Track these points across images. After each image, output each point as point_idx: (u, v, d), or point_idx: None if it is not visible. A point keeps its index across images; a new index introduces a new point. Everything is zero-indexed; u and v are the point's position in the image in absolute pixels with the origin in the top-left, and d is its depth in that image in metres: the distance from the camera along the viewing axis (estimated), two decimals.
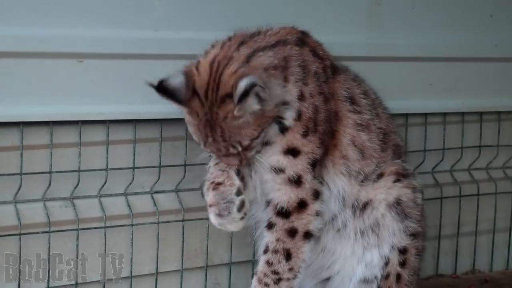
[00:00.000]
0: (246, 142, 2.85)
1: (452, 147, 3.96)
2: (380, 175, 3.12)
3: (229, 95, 2.78)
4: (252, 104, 2.77)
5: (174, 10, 3.27)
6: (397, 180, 3.13)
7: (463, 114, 3.98)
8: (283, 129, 2.92)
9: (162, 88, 2.83)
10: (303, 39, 3.03)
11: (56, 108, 3.10)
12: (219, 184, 2.95)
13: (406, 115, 3.80)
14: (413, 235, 3.14)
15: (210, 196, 2.96)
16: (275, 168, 2.95)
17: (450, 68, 3.88)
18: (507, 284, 3.96)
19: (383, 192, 3.12)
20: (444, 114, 3.94)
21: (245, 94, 2.73)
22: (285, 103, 2.88)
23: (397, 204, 3.11)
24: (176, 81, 2.84)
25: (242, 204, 2.95)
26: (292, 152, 2.94)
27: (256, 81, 2.74)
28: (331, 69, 3.08)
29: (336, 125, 3.04)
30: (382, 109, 3.23)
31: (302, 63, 2.95)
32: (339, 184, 3.07)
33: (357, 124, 3.07)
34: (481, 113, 4.03)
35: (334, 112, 3.03)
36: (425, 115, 3.89)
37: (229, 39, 2.96)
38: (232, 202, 2.94)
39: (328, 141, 3.01)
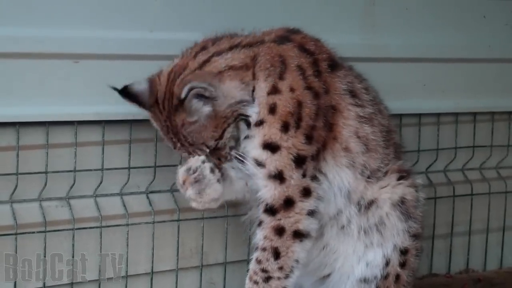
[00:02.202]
0: (210, 143, 2.95)
1: (446, 147, 3.98)
2: (384, 174, 3.14)
3: (181, 104, 2.90)
4: (197, 105, 2.88)
5: (170, 11, 3.29)
6: (401, 178, 3.14)
7: (456, 114, 4.00)
8: (254, 124, 2.95)
9: (126, 92, 2.98)
10: (287, 36, 3.06)
11: (52, 108, 3.12)
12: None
13: (400, 116, 3.81)
14: (415, 236, 3.16)
15: (180, 173, 3.00)
16: (257, 162, 2.95)
17: (444, 68, 3.90)
18: (501, 284, 3.97)
19: (388, 191, 3.12)
20: (438, 115, 3.95)
21: (185, 98, 2.85)
22: (242, 102, 2.93)
23: (401, 203, 3.12)
24: (140, 87, 2.99)
25: (212, 169, 2.98)
26: (270, 146, 2.94)
27: (195, 85, 2.85)
28: (328, 63, 3.07)
29: (333, 118, 3.03)
30: (383, 107, 3.25)
31: (276, 58, 2.97)
32: (343, 177, 3.06)
33: (359, 117, 3.07)
34: (474, 114, 4.05)
35: (329, 106, 3.02)
36: (419, 115, 3.91)
37: (192, 46, 3.05)
38: (203, 167, 2.98)
39: (325, 135, 3.01)
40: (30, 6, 3.03)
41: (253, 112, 2.94)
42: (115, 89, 2.96)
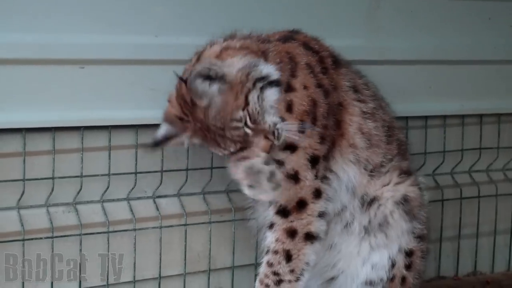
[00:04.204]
0: (238, 114, 2.80)
1: (452, 150, 3.98)
2: (386, 172, 3.14)
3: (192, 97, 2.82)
4: (202, 86, 2.77)
5: (174, 16, 3.29)
6: (403, 175, 3.14)
7: (463, 116, 4.00)
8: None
9: (158, 144, 2.96)
10: (291, 36, 3.06)
11: (58, 114, 3.12)
12: (245, 158, 2.88)
13: (406, 118, 3.81)
14: (420, 237, 3.16)
15: (240, 169, 2.89)
16: (277, 160, 2.92)
17: (449, 70, 3.90)
18: (509, 286, 3.97)
19: (390, 189, 3.12)
20: (444, 117, 3.95)
21: (190, 85, 2.77)
22: (250, 64, 2.84)
23: (404, 201, 3.12)
24: (162, 130, 2.94)
25: (272, 174, 2.87)
26: (290, 146, 2.91)
27: (195, 70, 2.77)
28: (331, 59, 3.08)
29: (341, 115, 3.03)
30: (384, 104, 3.26)
31: (284, 54, 2.95)
32: (349, 172, 3.06)
33: (363, 112, 3.08)
34: (481, 116, 4.05)
35: (337, 104, 3.03)
36: (425, 117, 3.91)
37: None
38: (261, 172, 2.86)
39: (334, 133, 3.01)
40: (34, 12, 3.04)
41: (269, 71, 2.86)
42: (152, 147, 2.98)
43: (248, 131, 2.82)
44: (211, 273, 3.48)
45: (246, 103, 2.82)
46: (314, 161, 2.95)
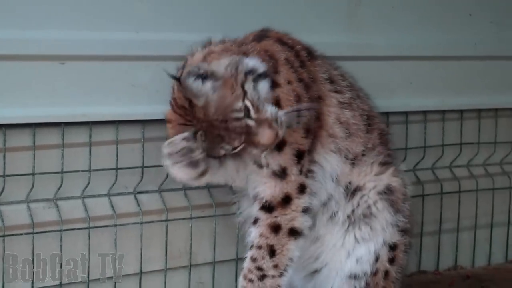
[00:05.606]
0: (238, 104, 2.77)
1: (433, 145, 3.99)
2: (369, 161, 3.14)
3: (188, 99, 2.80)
4: (195, 85, 2.74)
5: (156, 12, 3.29)
6: (384, 165, 3.16)
7: (443, 112, 4.01)
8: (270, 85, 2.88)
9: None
10: (264, 34, 3.07)
11: (38, 110, 3.11)
12: None
13: (387, 114, 3.82)
14: (403, 231, 3.17)
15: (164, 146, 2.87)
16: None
17: (430, 66, 3.91)
18: (489, 280, 3.98)
19: (373, 179, 3.14)
20: (425, 112, 3.97)
21: (183, 86, 2.75)
22: (234, 60, 2.83)
23: (388, 190, 3.14)
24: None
25: (190, 150, 2.82)
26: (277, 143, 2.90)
27: (190, 69, 2.76)
28: (306, 52, 3.09)
29: (320, 108, 3.04)
30: (362, 94, 3.27)
31: (263, 53, 2.95)
32: (332, 161, 3.07)
33: (340, 103, 3.10)
34: (461, 111, 4.06)
35: (317, 97, 3.04)
36: (406, 113, 3.92)
37: None
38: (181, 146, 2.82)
39: (316, 125, 3.01)
40: (14, 8, 3.03)
41: (255, 63, 2.86)
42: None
43: (251, 122, 2.79)
44: (192, 268, 3.48)
45: (244, 92, 2.80)
46: (299, 156, 2.96)
